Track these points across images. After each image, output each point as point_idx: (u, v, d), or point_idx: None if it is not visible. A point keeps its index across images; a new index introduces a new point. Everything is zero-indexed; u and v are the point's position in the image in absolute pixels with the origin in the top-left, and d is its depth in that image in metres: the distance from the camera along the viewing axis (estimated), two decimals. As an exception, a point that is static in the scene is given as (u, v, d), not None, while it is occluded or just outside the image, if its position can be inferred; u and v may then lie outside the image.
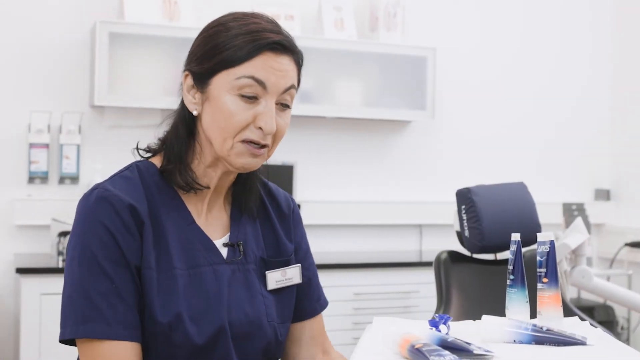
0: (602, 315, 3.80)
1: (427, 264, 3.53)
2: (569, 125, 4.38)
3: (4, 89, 3.38)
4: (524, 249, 2.50)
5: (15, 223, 3.36)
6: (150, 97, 3.38)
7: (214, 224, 1.41)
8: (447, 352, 1.08)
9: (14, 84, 3.39)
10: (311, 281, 1.53)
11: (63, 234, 3.25)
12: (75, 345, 1.31)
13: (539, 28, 4.33)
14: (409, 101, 3.82)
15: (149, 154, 1.42)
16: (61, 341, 1.29)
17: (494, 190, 2.40)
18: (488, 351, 1.12)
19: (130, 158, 3.94)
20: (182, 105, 1.38)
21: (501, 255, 2.50)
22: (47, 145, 3.37)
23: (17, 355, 3.01)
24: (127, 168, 1.38)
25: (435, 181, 4.08)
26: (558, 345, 1.21)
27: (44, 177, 3.39)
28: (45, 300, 2.94)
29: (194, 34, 3.54)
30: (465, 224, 2.34)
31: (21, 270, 2.96)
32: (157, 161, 1.39)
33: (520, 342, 1.22)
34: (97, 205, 1.28)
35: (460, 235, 2.43)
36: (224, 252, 1.39)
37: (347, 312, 3.31)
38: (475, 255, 2.48)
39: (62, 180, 3.42)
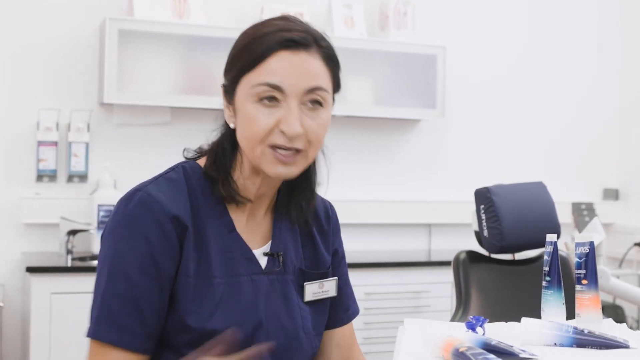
0: (611, 315, 3.78)
1: (438, 264, 3.52)
2: (577, 124, 4.36)
3: (12, 86, 3.35)
4: (542, 250, 2.49)
5: (24, 221, 3.33)
6: (159, 94, 3.36)
7: (255, 232, 1.38)
8: (492, 355, 1.06)
9: (23, 82, 3.37)
10: (342, 290, 1.50)
11: (72, 232, 3.23)
12: None
13: (547, 26, 4.32)
14: (419, 100, 3.80)
15: (196, 155, 1.38)
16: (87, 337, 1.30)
17: (513, 189, 2.38)
18: (533, 354, 1.10)
19: (139, 156, 3.90)
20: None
21: (519, 256, 2.48)
22: (55, 143, 3.35)
23: (27, 354, 2.98)
24: (172, 169, 1.35)
25: (445, 180, 4.06)
26: (600, 349, 1.19)
27: (52, 175, 3.36)
28: (55, 299, 2.91)
29: (203, 32, 3.57)
30: (484, 223, 2.33)
31: (31, 269, 2.93)
32: (203, 164, 1.36)
33: (561, 345, 1.20)
34: (137, 212, 1.26)
35: (478, 235, 2.41)
36: (262, 261, 1.36)
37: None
38: (493, 255, 2.46)
39: (70, 178, 3.39)
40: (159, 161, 1.43)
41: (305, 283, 1.40)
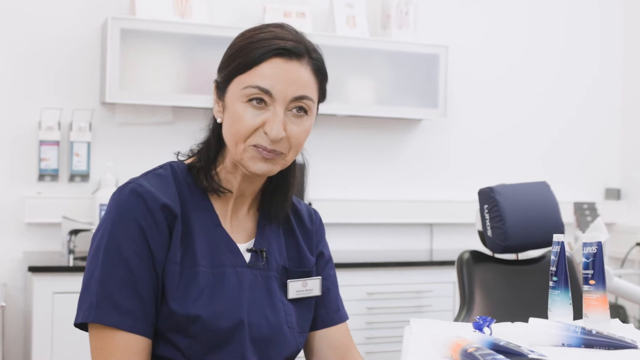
0: (613, 315, 3.74)
1: (440, 264, 3.51)
2: (578, 123, 4.36)
3: (14, 85, 3.35)
4: (545, 250, 2.49)
5: (26, 221, 3.33)
6: (161, 94, 3.36)
7: (239, 229, 1.44)
8: (501, 356, 1.06)
9: (25, 81, 3.36)
10: (330, 291, 1.54)
11: (74, 232, 3.22)
12: (87, 330, 1.33)
13: (549, 26, 4.31)
14: (421, 99, 3.80)
15: (187, 157, 1.45)
16: (75, 325, 1.33)
17: (517, 189, 2.38)
18: (541, 355, 1.10)
19: (141, 155, 3.89)
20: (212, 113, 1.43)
21: (522, 255, 2.48)
22: (57, 143, 3.34)
23: (29, 354, 2.98)
24: (161, 167, 1.42)
25: (447, 180, 4.06)
26: (608, 349, 1.19)
27: (54, 175, 3.35)
28: (57, 299, 2.91)
29: (205, 31, 3.56)
30: (488, 223, 2.32)
31: (33, 269, 2.92)
32: (190, 163, 1.44)
33: (569, 346, 1.20)
34: (129, 199, 1.32)
35: (482, 234, 2.41)
36: (247, 256, 1.42)
37: (361, 312, 3.29)
38: (496, 255, 2.45)
39: (72, 177, 3.39)
40: (161, 160, 1.45)
41: (288, 280, 1.45)
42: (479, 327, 1.25)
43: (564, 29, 4.35)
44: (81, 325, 1.32)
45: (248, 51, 1.33)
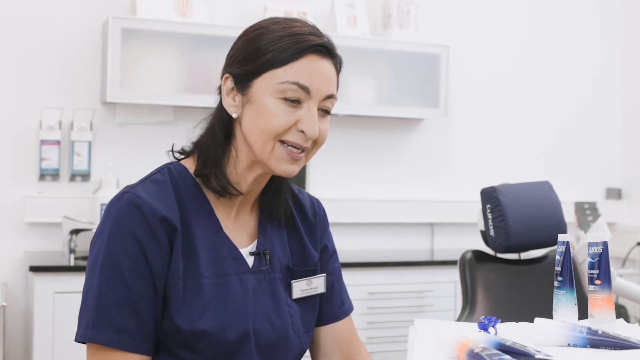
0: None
1: (441, 263, 3.51)
2: (579, 123, 4.36)
3: (15, 85, 3.34)
4: (548, 249, 2.49)
5: (26, 220, 3.32)
6: (162, 93, 3.35)
7: (241, 231, 1.39)
8: (507, 356, 1.06)
9: (26, 81, 3.35)
10: (334, 286, 1.51)
11: (75, 231, 3.22)
12: None
13: (550, 26, 4.31)
14: (422, 99, 3.79)
15: (181, 156, 1.39)
16: (77, 341, 1.29)
17: (519, 189, 2.38)
18: (548, 355, 1.10)
19: (142, 155, 3.87)
20: (220, 107, 1.35)
21: (525, 255, 2.47)
22: (58, 142, 3.34)
23: (30, 354, 2.97)
24: (158, 170, 1.35)
25: (447, 179, 4.06)
26: (614, 349, 1.19)
27: (55, 174, 3.35)
28: (58, 298, 2.90)
29: (206, 30, 3.55)
30: (491, 223, 2.32)
31: (34, 269, 2.92)
32: (188, 164, 1.37)
33: (575, 346, 1.20)
34: (127, 212, 1.26)
35: (484, 234, 2.40)
36: (249, 260, 1.38)
37: (362, 312, 3.29)
38: (499, 255, 2.45)
39: (73, 177, 3.38)
40: (162, 160, 1.41)
41: (292, 281, 1.41)
42: (484, 327, 1.25)
43: (565, 29, 4.35)
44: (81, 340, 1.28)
45: (282, 45, 1.27)
